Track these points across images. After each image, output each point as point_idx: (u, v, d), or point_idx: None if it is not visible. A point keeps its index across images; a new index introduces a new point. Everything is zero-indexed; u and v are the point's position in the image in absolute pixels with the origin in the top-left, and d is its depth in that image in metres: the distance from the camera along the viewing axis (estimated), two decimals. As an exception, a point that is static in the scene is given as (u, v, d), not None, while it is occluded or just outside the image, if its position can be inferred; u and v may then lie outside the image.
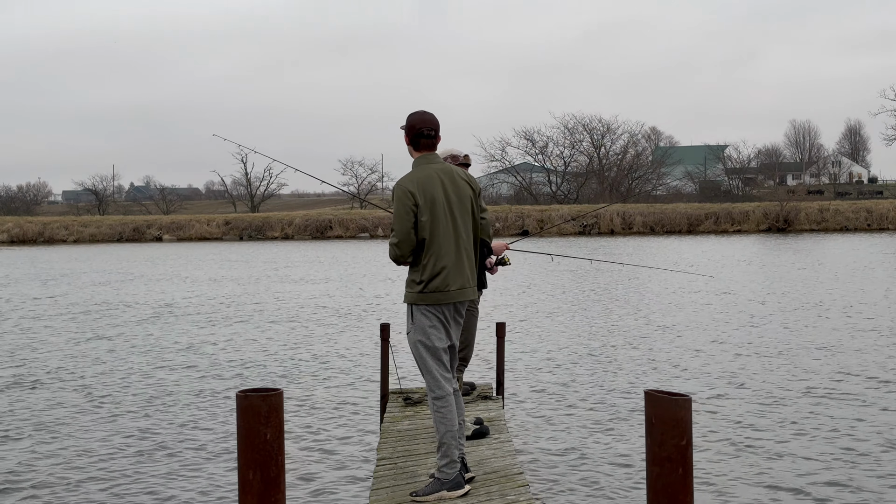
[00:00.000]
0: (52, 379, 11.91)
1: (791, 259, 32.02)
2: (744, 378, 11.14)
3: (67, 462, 8.09)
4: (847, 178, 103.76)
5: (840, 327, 15.19)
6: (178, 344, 14.84)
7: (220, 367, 12.68)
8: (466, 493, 5.06)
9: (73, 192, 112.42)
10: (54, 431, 9.17)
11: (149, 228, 64.69)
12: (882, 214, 58.42)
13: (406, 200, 5.00)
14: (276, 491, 3.82)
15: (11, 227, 63.11)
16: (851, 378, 11.00)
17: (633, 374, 11.56)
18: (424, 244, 5.03)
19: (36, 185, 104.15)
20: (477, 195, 5.29)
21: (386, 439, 6.41)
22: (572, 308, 18.77)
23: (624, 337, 14.60)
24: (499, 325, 8.11)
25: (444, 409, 5.05)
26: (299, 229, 62.78)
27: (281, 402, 3.86)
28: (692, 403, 3.54)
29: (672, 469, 3.48)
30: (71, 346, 14.70)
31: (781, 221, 57.88)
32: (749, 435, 8.54)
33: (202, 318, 18.26)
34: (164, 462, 8.04)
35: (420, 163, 5.16)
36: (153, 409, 10.08)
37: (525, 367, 12.11)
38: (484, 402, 7.48)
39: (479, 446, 6.10)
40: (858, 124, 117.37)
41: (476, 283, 5.30)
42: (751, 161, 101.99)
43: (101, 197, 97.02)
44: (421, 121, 5.18)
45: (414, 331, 5.12)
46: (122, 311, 19.79)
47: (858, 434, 8.48)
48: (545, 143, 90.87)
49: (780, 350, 13.09)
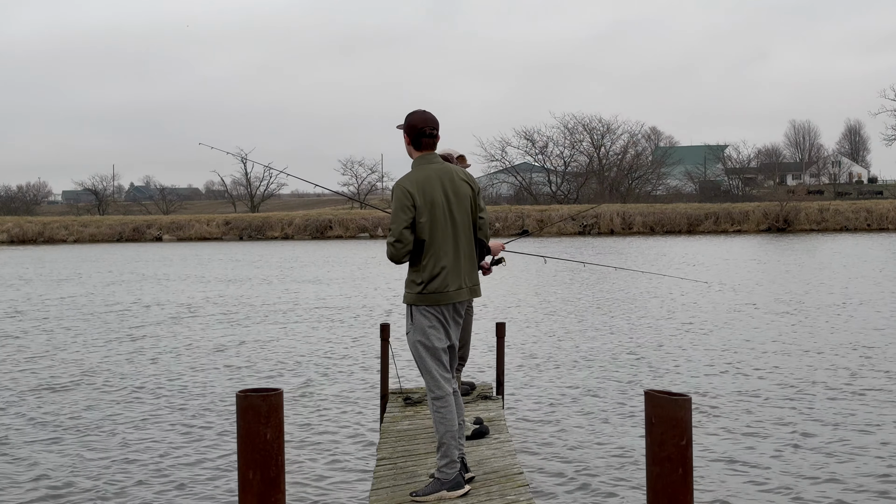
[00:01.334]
0: (53, 377, 11.93)
1: (791, 259, 32.01)
2: (744, 378, 11.14)
3: (67, 461, 8.09)
4: (847, 178, 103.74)
5: (840, 327, 15.19)
6: (178, 343, 14.84)
7: (221, 366, 12.68)
8: (466, 493, 5.07)
9: (73, 192, 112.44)
10: (53, 430, 9.17)
11: (149, 228, 64.71)
12: (882, 214, 58.40)
13: (404, 200, 5.01)
14: (276, 491, 3.82)
15: (11, 227, 63.11)
16: (852, 378, 11.00)
17: (633, 373, 11.56)
18: (424, 245, 5.04)
19: (36, 185, 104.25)
20: (476, 195, 5.30)
21: (386, 439, 6.41)
22: (572, 308, 18.76)
23: (624, 337, 14.60)
24: (499, 325, 8.11)
25: (444, 409, 5.06)
26: (299, 229, 62.78)
27: (281, 402, 3.86)
28: (692, 403, 3.54)
29: (672, 469, 3.48)
30: (76, 347, 14.70)
31: (781, 221, 57.87)
32: (749, 435, 8.54)
33: (202, 318, 18.26)
34: (163, 462, 8.04)
35: (420, 163, 5.16)
36: (152, 409, 10.08)
37: (525, 367, 12.11)
38: (484, 402, 7.49)
39: (479, 446, 6.10)
40: (858, 124, 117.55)
41: (477, 282, 5.31)
42: (751, 161, 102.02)
43: (101, 197, 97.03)
44: (422, 120, 5.18)
45: (413, 331, 5.13)
46: (122, 310, 19.79)
47: (859, 434, 8.48)
48: (545, 143, 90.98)
49: (780, 350, 13.09)
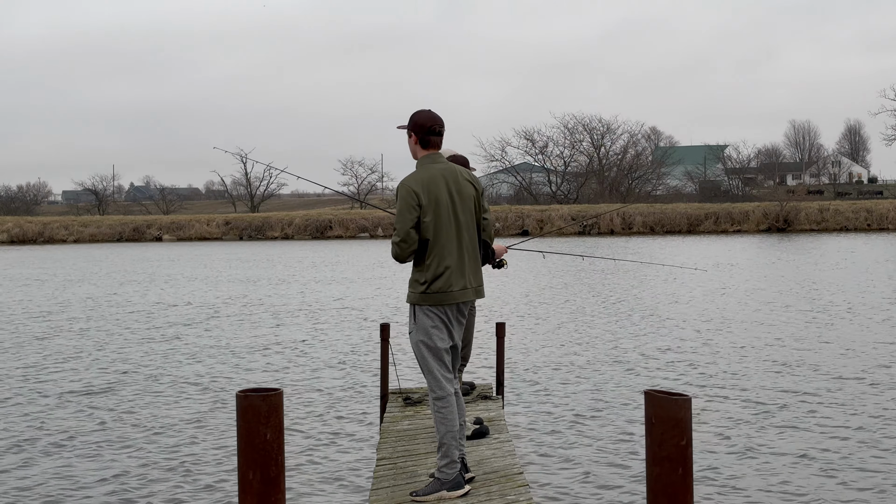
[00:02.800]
0: (50, 372, 11.94)
1: (791, 259, 32.01)
2: (744, 378, 11.13)
3: (66, 461, 8.09)
4: (847, 178, 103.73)
5: (841, 327, 15.19)
6: (178, 343, 14.84)
7: (221, 366, 12.68)
8: (466, 493, 5.07)
9: (73, 192, 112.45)
10: (52, 430, 9.17)
11: (149, 228, 64.73)
12: (882, 214, 58.41)
13: (410, 200, 5.01)
14: (276, 491, 3.82)
15: (11, 227, 63.13)
16: (852, 378, 10.99)
17: (633, 373, 11.57)
18: (428, 245, 5.04)
19: (36, 185, 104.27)
20: (480, 195, 5.31)
21: (386, 439, 6.41)
22: (572, 308, 18.76)
23: (624, 337, 14.60)
24: (499, 325, 8.11)
25: (445, 409, 5.06)
26: (299, 229, 62.79)
27: (281, 402, 3.86)
28: (692, 403, 3.54)
29: (672, 469, 3.48)
30: (75, 342, 14.71)
31: (781, 221, 57.88)
32: (749, 435, 8.54)
33: (202, 318, 18.26)
34: (163, 462, 8.04)
35: (424, 162, 5.17)
36: (152, 409, 10.08)
37: (525, 367, 12.11)
38: (484, 402, 7.48)
39: (479, 446, 6.10)
40: (858, 124, 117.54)
41: (481, 283, 5.31)
42: (751, 161, 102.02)
43: (100, 197, 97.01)
44: (430, 119, 5.20)
45: (416, 331, 5.12)
46: (120, 311, 19.80)
47: (859, 434, 8.48)
48: (545, 143, 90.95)
49: (780, 350, 13.09)
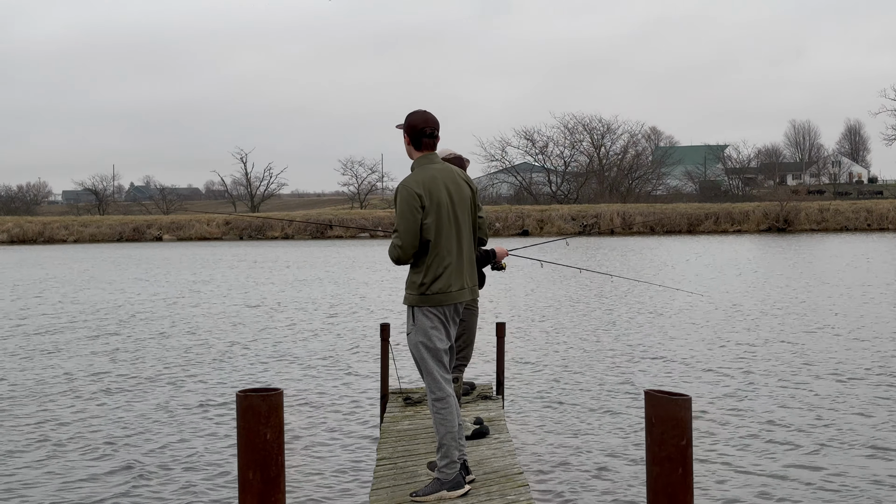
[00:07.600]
0: (53, 376, 11.94)
1: (791, 259, 32.01)
2: (744, 378, 11.13)
3: (66, 461, 8.09)
4: (847, 178, 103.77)
5: (840, 327, 15.18)
6: (177, 343, 14.84)
7: (221, 366, 12.68)
8: (466, 492, 5.07)
9: (73, 192, 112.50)
10: (52, 429, 9.17)
11: (149, 228, 64.71)
12: (882, 214, 58.43)
13: (412, 202, 4.98)
14: (276, 491, 3.82)
15: (11, 227, 63.10)
16: (852, 378, 10.99)
17: (633, 373, 11.56)
18: (428, 246, 5.03)
19: (36, 185, 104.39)
20: (475, 195, 5.31)
21: (386, 439, 6.41)
22: (572, 308, 18.76)
23: (624, 337, 14.60)
24: (499, 325, 8.11)
25: (444, 410, 5.06)
26: (299, 229, 62.78)
27: (281, 402, 3.86)
28: (692, 403, 3.55)
29: (672, 469, 3.49)
30: (78, 343, 14.71)
31: (781, 221, 57.88)
32: (749, 435, 8.54)
33: (201, 318, 18.26)
34: (163, 462, 8.04)
35: (421, 163, 5.15)
36: (152, 408, 10.08)
37: (525, 367, 12.11)
38: (484, 402, 7.48)
39: (479, 446, 6.10)
40: (858, 124, 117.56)
41: (476, 283, 5.31)
42: (751, 161, 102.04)
43: (101, 197, 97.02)
44: (423, 121, 5.18)
45: (415, 332, 5.11)
46: (120, 311, 19.80)
47: (859, 434, 8.48)
48: (545, 142, 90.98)
49: (780, 350, 13.08)
